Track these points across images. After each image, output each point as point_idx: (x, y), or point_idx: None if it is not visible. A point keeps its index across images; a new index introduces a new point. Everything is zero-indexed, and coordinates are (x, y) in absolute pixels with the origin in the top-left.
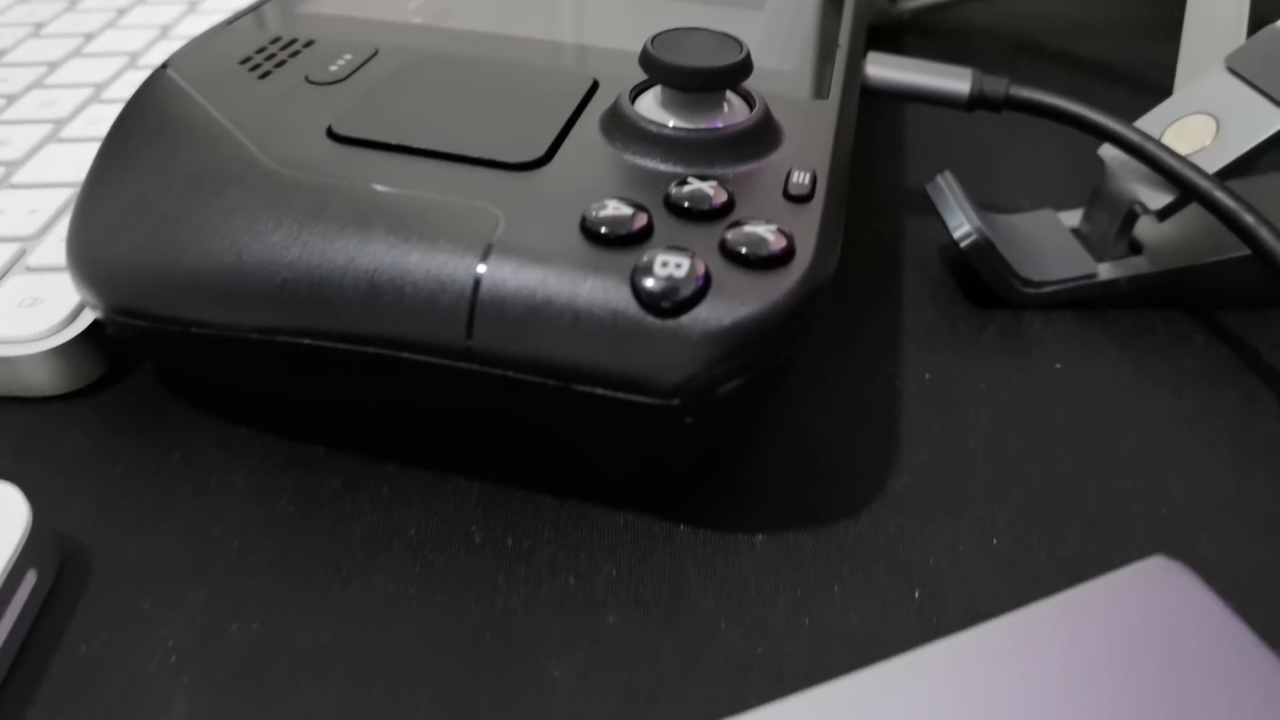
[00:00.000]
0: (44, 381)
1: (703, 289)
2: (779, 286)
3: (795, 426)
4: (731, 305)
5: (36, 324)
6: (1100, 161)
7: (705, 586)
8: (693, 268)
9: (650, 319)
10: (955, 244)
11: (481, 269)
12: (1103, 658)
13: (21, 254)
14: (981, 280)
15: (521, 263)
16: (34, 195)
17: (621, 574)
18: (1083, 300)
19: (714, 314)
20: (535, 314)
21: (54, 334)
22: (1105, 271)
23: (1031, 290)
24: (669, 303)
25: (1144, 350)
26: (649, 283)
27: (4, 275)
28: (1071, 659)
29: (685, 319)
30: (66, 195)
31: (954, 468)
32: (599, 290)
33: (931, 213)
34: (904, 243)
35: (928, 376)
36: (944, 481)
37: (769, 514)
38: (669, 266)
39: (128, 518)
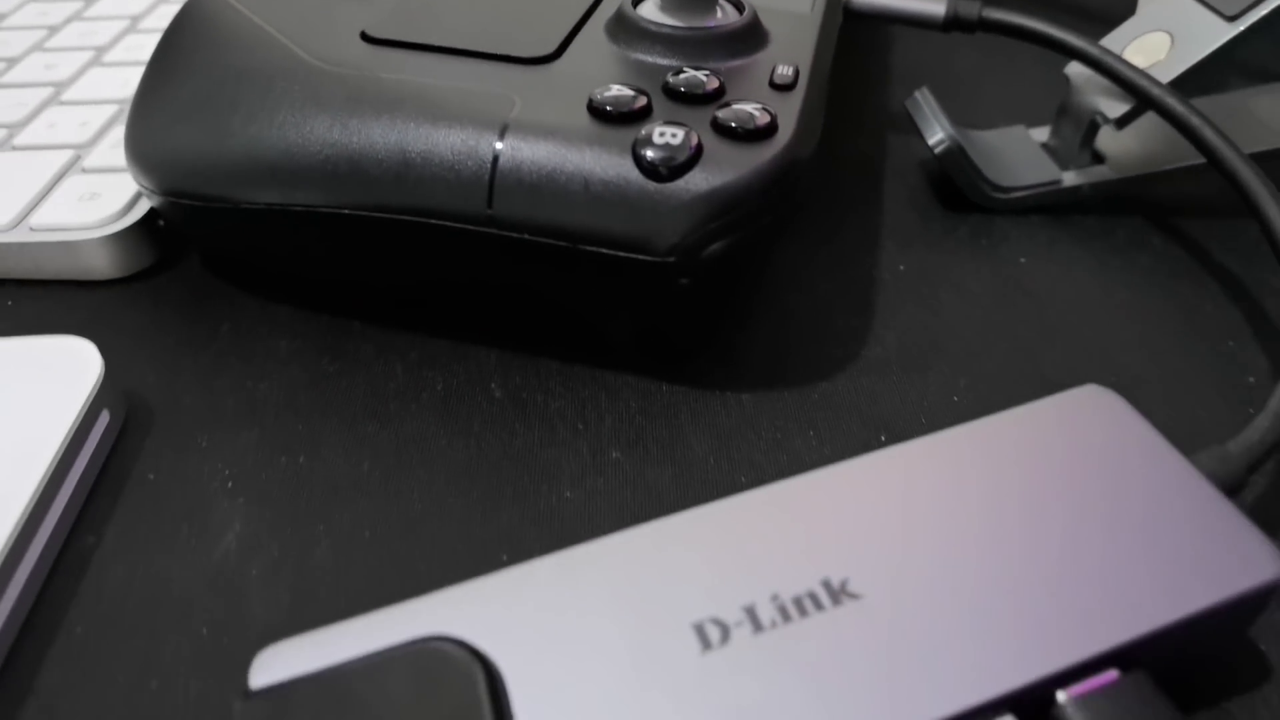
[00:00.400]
0: (103, 265)
1: (695, 156)
2: (762, 156)
3: (781, 307)
4: (721, 171)
5: (96, 214)
6: (1066, 79)
7: (697, 432)
8: (687, 138)
9: (649, 184)
10: (933, 155)
11: (500, 145)
12: (1035, 463)
13: (77, 159)
14: (956, 188)
15: (535, 139)
16: (82, 110)
17: (624, 422)
18: (1049, 205)
19: (705, 179)
20: (548, 183)
21: (112, 222)
22: (1069, 179)
23: (1000, 195)
24: (666, 169)
25: (1104, 249)
26: (648, 152)
27: (63, 175)
28: (1006, 464)
29: (680, 183)
30: (112, 110)
31: (922, 341)
32: (604, 160)
33: (913, 132)
34: (886, 158)
35: (902, 268)
36: (913, 352)
37: (755, 377)
38: (666, 136)
39: (184, 376)
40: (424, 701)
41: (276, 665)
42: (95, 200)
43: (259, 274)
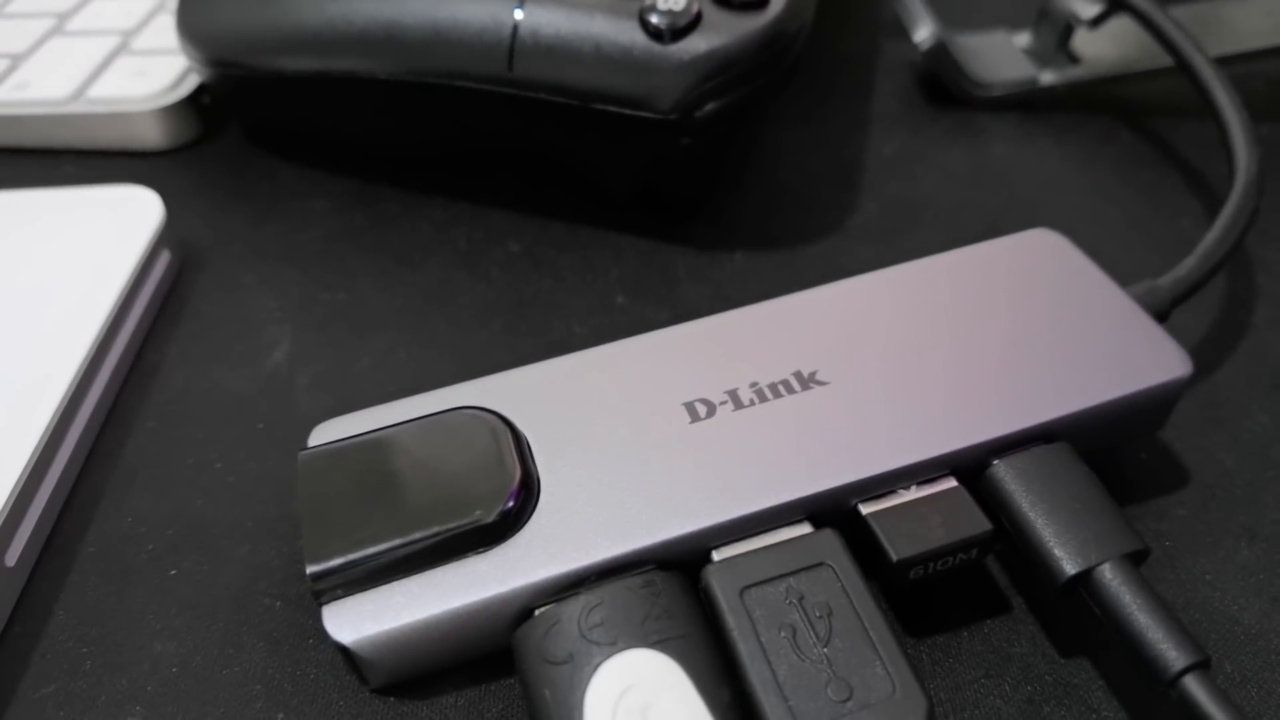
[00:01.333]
0: (153, 136)
1: (695, 22)
2: (755, 24)
3: (772, 180)
4: (718, 35)
5: (146, 88)
6: None
7: (693, 283)
8: (688, 5)
9: (653, 46)
10: (919, 53)
11: (519, 14)
12: (982, 282)
13: (124, 42)
14: (940, 85)
15: (550, 6)
16: (128, 2)
17: (627, 274)
18: (1026, 102)
19: (704, 42)
20: (562, 46)
21: (161, 96)
22: (1046, 78)
23: (980, 92)
24: (668, 32)
25: (1076, 140)
26: (653, 17)
27: (114, 57)
28: (957, 283)
29: (681, 45)
30: (153, 1)
31: (901, 213)
32: (613, 25)
33: (902, 35)
34: (877, 58)
35: (887, 151)
36: (891, 222)
37: (746, 239)
38: (669, 3)
39: (231, 226)
40: (460, 451)
41: (330, 432)
42: (144, 77)
43: (296, 143)
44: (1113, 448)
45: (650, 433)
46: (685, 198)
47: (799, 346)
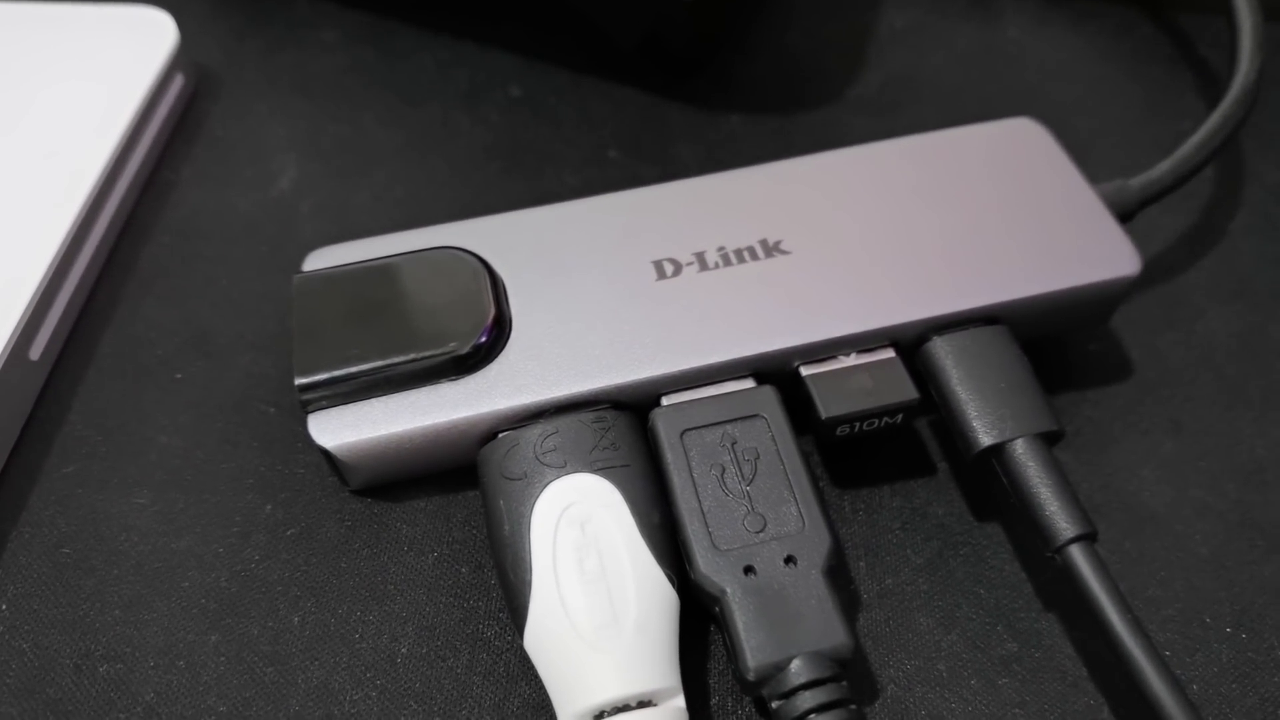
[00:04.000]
0: None
1: None
2: None
3: (779, 44)
4: None
5: None
6: None
7: (687, 142)
8: None
9: None
10: None
11: None
12: (952, 167)
13: None
14: None
15: None
16: None
17: (623, 127)
18: None
19: None
20: None
21: None
22: None
23: None
24: None
25: (1092, 31)
26: None
27: None
28: (927, 165)
29: None
30: None
31: (903, 87)
32: None
33: None
34: None
35: (899, 23)
36: (891, 96)
37: (745, 102)
38: None
39: (245, 55)
40: (442, 287)
41: (325, 259)
42: None
43: None
44: (1061, 336)
45: (618, 286)
46: (689, 53)
47: (769, 215)
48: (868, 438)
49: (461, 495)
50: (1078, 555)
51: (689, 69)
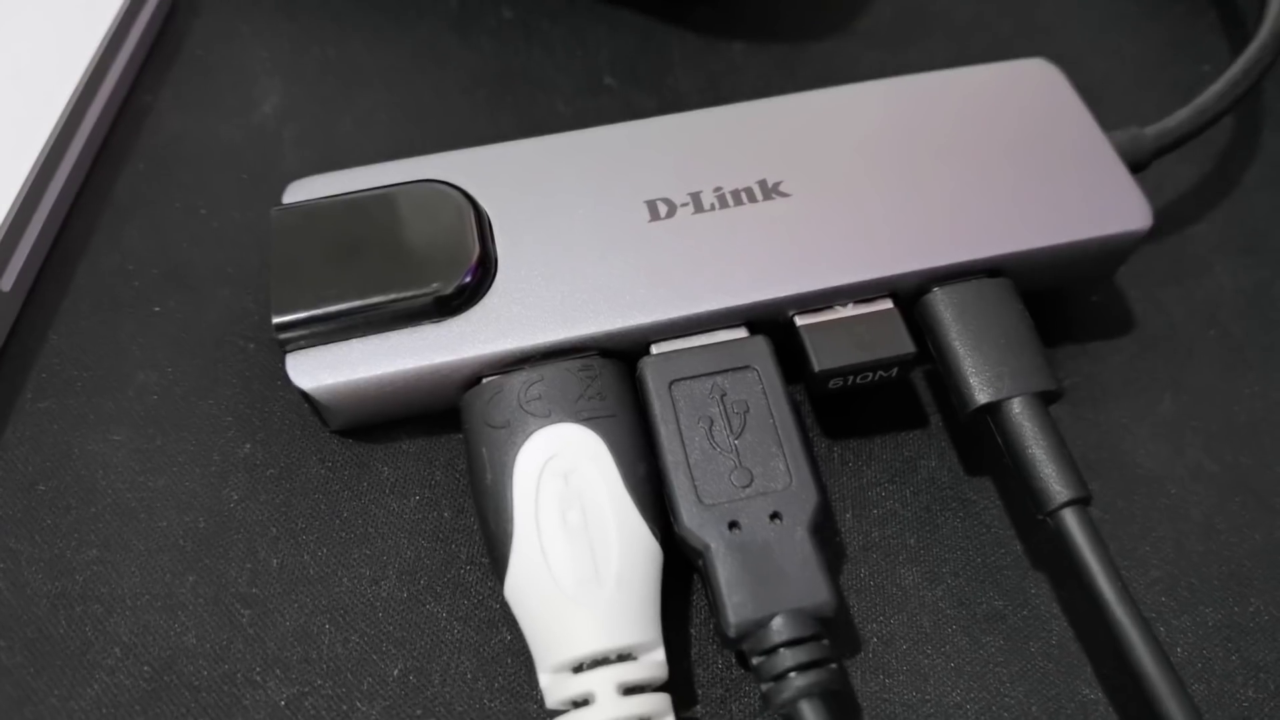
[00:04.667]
0: None
1: None
2: None
3: None
4: None
5: None
6: None
7: (686, 72)
8: None
9: None
10: None
11: None
12: (963, 109)
13: None
14: None
15: None
16: None
17: (620, 54)
18: None
19: None
20: None
21: None
22: None
23: None
24: None
25: None
26: None
27: None
28: (937, 107)
29: None
30: None
31: (912, 21)
32: None
33: None
34: None
35: None
36: (901, 29)
37: (748, 29)
38: None
39: None
40: (425, 223)
41: (304, 192)
42: None
43: None
44: (1063, 288)
45: (610, 227)
46: None
47: (769, 154)
48: (861, 390)
49: (445, 438)
50: (1070, 520)
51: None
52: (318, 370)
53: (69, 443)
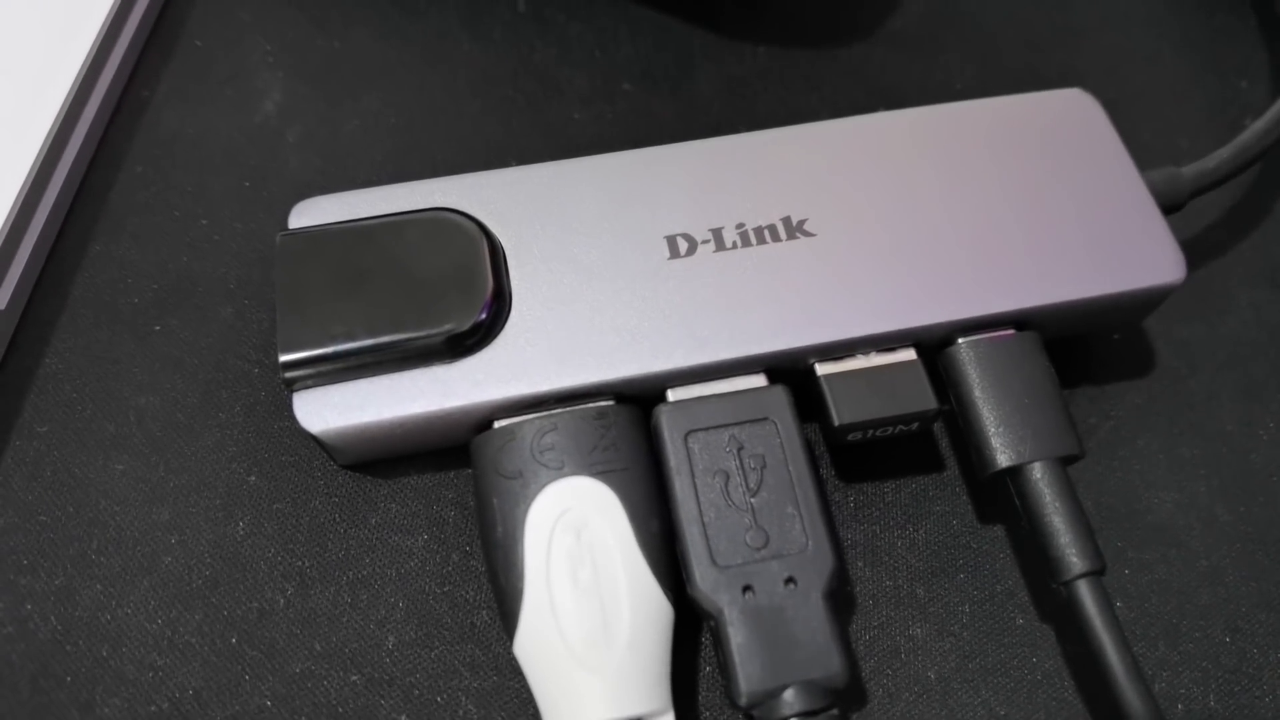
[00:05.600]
0: None
1: None
2: None
3: None
4: None
5: None
6: None
7: (708, 77)
8: None
9: None
10: None
11: None
12: (997, 146)
13: None
14: None
15: None
16: None
17: (639, 55)
18: None
19: None
20: None
21: None
22: None
23: None
24: None
25: None
26: None
27: None
28: (971, 143)
29: None
30: None
31: (943, 22)
32: None
33: None
34: None
35: None
36: (931, 31)
37: (774, 29)
38: None
39: None
40: (438, 255)
41: (311, 213)
42: None
43: None
44: (1089, 335)
45: (628, 263)
46: None
47: (794, 188)
48: (880, 441)
49: (453, 473)
50: (1084, 591)
51: None
52: (326, 412)
53: (69, 470)
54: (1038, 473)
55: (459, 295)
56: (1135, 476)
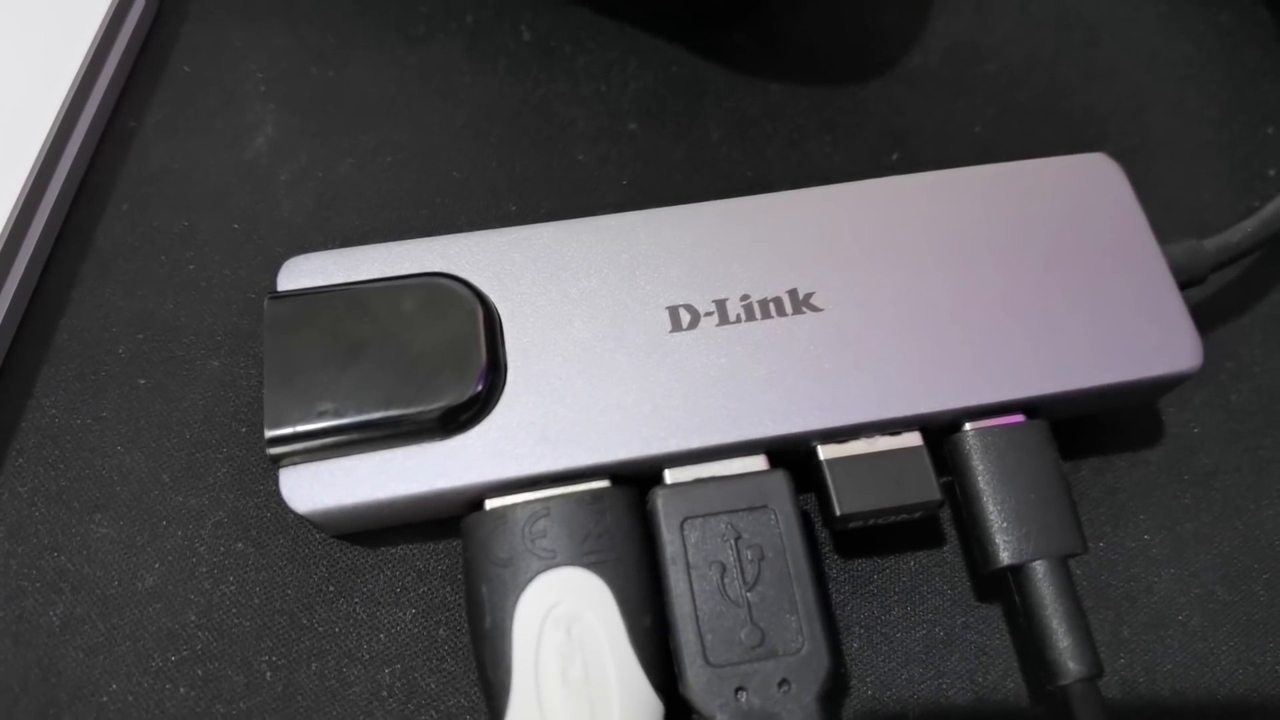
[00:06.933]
0: None
1: None
2: None
3: None
4: None
5: None
6: None
7: (717, 116)
8: None
9: None
10: None
11: None
12: (1015, 220)
13: None
14: None
15: None
16: None
17: (647, 91)
18: None
19: None
20: None
21: None
22: None
23: None
24: None
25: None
26: None
27: None
28: (989, 214)
29: None
30: None
31: (966, 58)
32: None
33: None
34: None
35: None
36: (954, 68)
37: (788, 65)
38: None
39: None
40: (431, 325)
41: (301, 273)
42: None
43: None
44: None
45: (629, 336)
46: (734, 3)
47: (802, 257)
48: (879, 528)
49: (443, 544)
50: (1078, 696)
51: (730, 16)
52: (314, 492)
53: (53, 532)
54: (1039, 572)
55: (452, 371)
56: (1135, 553)
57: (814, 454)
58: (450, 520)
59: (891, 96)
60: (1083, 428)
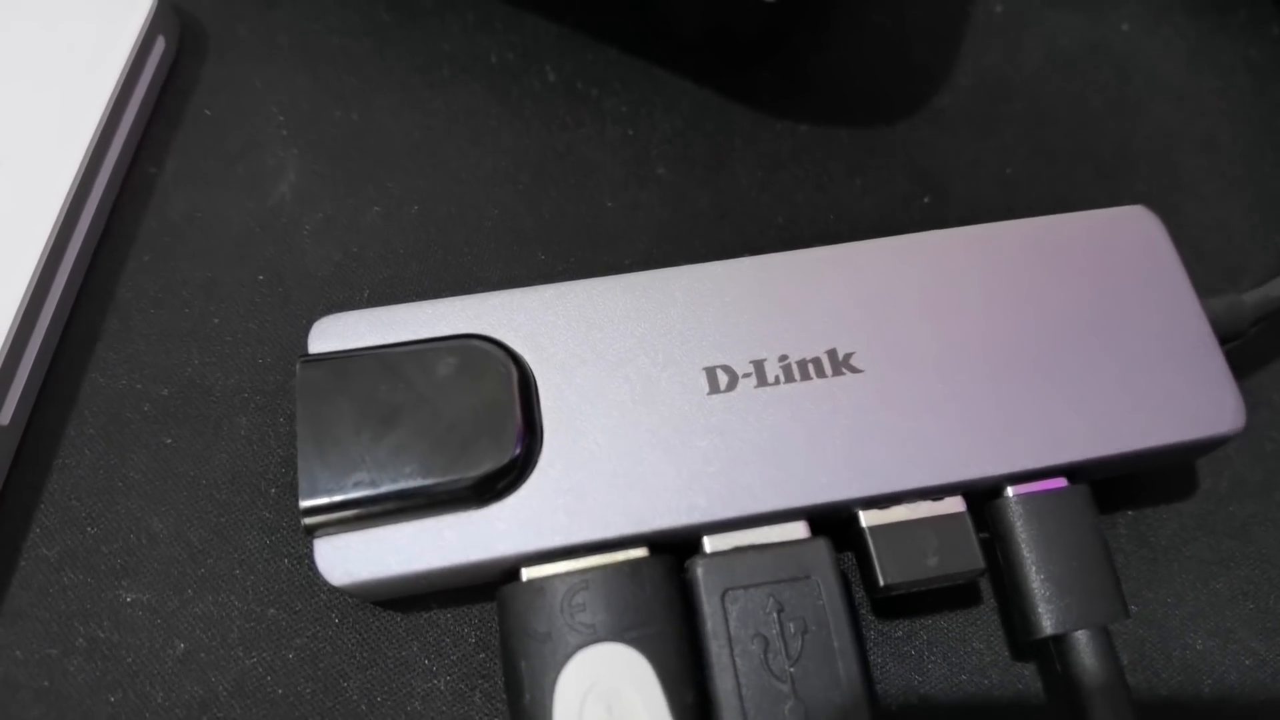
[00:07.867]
0: None
1: None
2: None
3: (862, 27)
4: None
5: None
6: None
7: (745, 159)
8: None
9: None
10: None
11: None
12: (1055, 278)
13: None
14: None
15: None
16: None
17: (675, 135)
18: None
19: None
20: None
21: None
22: None
23: None
24: None
25: (1216, 27)
26: None
27: None
28: (1028, 272)
29: None
30: None
31: (992, 98)
32: None
33: None
34: None
35: (999, 9)
36: (980, 109)
37: (816, 106)
38: None
39: (237, 6)
40: (467, 390)
41: (332, 334)
42: None
43: None
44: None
45: (665, 399)
46: (759, 47)
47: (841, 316)
48: (919, 595)
49: (477, 610)
50: None
51: (756, 55)
52: (350, 564)
53: (81, 598)
54: (1081, 641)
55: (488, 436)
56: (1168, 609)
57: (855, 519)
58: (485, 586)
59: (920, 137)
60: (1116, 480)
